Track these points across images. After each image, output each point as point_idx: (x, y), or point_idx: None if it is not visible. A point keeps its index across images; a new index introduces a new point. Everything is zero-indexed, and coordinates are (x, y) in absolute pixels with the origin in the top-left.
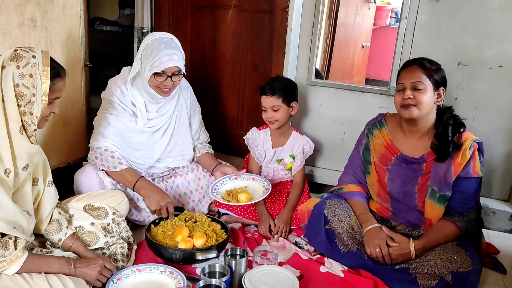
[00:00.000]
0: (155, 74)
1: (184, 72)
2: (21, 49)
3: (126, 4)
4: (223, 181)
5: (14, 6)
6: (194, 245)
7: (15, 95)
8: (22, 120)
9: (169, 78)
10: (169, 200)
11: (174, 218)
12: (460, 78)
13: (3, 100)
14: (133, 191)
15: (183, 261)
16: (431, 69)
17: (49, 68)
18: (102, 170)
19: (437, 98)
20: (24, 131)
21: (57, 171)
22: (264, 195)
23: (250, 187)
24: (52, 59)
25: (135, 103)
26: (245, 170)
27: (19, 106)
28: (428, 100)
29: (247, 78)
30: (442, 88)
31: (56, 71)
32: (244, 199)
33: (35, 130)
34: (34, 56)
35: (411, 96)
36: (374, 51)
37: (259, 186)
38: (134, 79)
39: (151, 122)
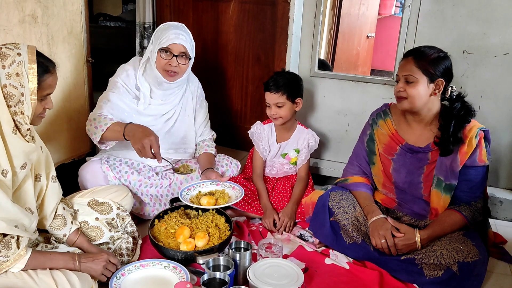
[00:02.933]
0: (161, 50)
1: (192, 58)
2: (5, 47)
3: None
4: (203, 184)
5: (14, 3)
6: (196, 246)
7: (4, 96)
8: (14, 120)
9: (175, 57)
10: (152, 137)
11: (161, 161)
12: (465, 67)
13: None
14: (126, 139)
15: (185, 262)
16: (426, 60)
17: (35, 65)
18: (98, 139)
19: (434, 90)
20: (17, 131)
21: (62, 167)
22: (227, 203)
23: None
24: (39, 54)
25: (140, 88)
26: (228, 178)
27: (9, 106)
28: (420, 93)
29: (250, 70)
30: (441, 79)
31: (44, 66)
32: (205, 203)
33: (28, 129)
34: (19, 54)
35: (402, 89)
36: (379, 41)
37: (234, 195)
38: (144, 70)
39: (152, 107)
